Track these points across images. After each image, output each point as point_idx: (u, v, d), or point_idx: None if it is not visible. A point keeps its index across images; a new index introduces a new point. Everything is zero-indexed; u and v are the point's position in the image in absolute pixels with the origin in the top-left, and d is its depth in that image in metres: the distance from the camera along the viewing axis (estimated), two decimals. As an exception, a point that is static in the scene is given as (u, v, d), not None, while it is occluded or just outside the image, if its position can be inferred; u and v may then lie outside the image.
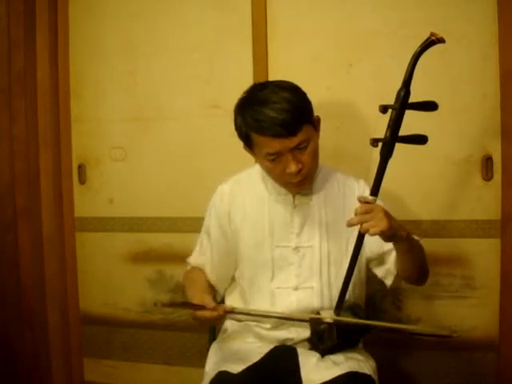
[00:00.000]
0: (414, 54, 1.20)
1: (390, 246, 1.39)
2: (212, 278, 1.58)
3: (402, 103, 1.21)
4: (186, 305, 1.43)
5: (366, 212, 1.22)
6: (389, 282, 1.48)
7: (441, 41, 1.19)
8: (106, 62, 2.16)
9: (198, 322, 1.42)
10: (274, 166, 1.37)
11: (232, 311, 1.41)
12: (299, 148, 1.34)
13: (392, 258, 1.44)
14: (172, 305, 1.40)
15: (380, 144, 1.23)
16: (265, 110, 1.31)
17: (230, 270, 1.57)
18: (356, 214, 1.24)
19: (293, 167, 1.34)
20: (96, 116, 2.19)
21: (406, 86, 1.21)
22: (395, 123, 1.22)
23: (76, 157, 2.24)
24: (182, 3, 2.05)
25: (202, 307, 1.36)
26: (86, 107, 2.21)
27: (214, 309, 1.36)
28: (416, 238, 1.42)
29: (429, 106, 1.25)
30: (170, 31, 2.07)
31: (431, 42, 1.19)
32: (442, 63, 1.77)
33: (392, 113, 1.22)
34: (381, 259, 1.47)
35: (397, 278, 1.46)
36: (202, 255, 1.60)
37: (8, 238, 2.20)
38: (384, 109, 1.20)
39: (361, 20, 1.85)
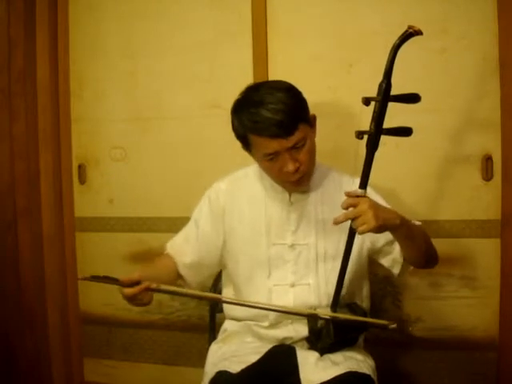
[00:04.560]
0: (393, 46, 1.21)
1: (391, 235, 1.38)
2: (185, 268, 1.55)
3: (385, 95, 1.22)
4: (108, 279, 1.36)
5: (351, 205, 1.23)
6: (396, 270, 1.48)
7: (418, 33, 1.20)
8: (105, 62, 2.16)
9: (125, 299, 1.35)
10: (271, 165, 1.39)
11: (157, 289, 1.33)
12: (296, 147, 1.35)
13: (397, 246, 1.43)
14: (94, 278, 1.38)
15: (366, 137, 1.24)
16: (261, 111, 1.32)
17: (211, 264, 1.56)
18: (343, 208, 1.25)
19: (290, 166, 1.35)
20: (96, 116, 2.19)
21: (388, 77, 1.22)
22: (379, 115, 1.23)
23: (76, 157, 2.24)
24: (182, 3, 2.05)
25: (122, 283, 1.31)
26: (86, 107, 2.21)
27: (130, 285, 1.30)
28: (417, 223, 1.43)
29: (411, 99, 1.25)
30: (169, 31, 2.07)
31: (409, 34, 1.20)
32: (442, 63, 1.78)
33: (375, 105, 1.23)
34: (385, 249, 1.47)
35: (404, 265, 1.46)
36: (185, 244, 1.57)
37: (8, 238, 2.20)
38: (367, 101, 1.22)
39: (361, 20, 1.85)
